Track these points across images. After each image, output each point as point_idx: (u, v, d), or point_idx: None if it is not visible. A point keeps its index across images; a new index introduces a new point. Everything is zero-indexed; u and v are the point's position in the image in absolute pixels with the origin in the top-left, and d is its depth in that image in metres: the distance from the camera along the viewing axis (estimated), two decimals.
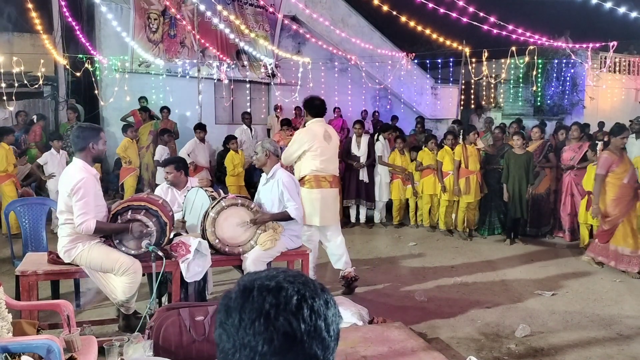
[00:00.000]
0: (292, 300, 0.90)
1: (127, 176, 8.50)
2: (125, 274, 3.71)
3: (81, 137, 3.78)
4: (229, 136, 8.66)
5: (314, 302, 0.92)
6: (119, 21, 10.40)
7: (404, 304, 5.01)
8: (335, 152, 5.07)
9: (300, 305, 0.90)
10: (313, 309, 0.91)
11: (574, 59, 13.35)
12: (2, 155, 7.14)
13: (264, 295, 0.90)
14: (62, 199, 3.71)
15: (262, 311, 0.89)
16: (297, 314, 0.89)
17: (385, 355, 3.38)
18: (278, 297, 0.90)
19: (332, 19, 12.60)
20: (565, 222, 7.58)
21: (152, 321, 3.35)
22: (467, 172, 7.63)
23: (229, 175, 8.27)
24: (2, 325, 2.71)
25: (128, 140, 8.54)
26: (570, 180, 7.45)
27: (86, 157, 3.76)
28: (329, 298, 0.96)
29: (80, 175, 3.63)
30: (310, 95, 5.25)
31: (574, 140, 7.61)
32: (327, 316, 0.93)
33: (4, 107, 9.57)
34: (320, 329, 0.90)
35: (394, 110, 13.88)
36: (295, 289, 0.92)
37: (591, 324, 4.54)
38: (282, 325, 0.88)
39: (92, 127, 3.95)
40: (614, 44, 10.65)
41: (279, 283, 0.93)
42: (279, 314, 0.88)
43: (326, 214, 4.98)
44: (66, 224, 3.71)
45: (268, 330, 0.87)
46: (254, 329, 0.88)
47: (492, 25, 10.05)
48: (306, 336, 0.89)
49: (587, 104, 15.18)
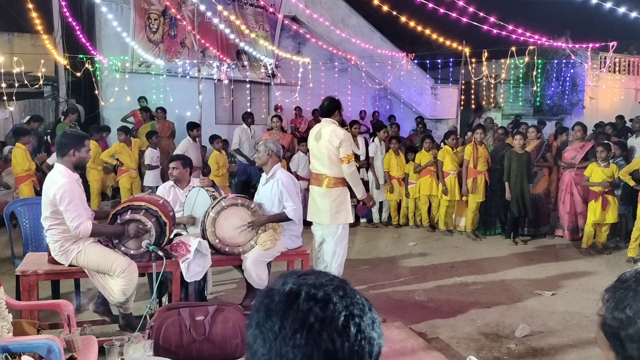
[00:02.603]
0: (339, 317, 0.84)
1: (121, 176, 8.44)
2: (121, 276, 3.71)
3: (63, 143, 3.73)
4: (213, 135, 8.57)
5: (362, 322, 0.86)
6: (119, 21, 10.41)
7: (404, 304, 5.02)
8: (325, 151, 4.77)
9: (347, 323, 0.84)
10: (360, 329, 0.85)
11: (573, 59, 13.37)
12: (21, 156, 7.14)
13: (311, 305, 0.84)
14: (45, 205, 3.66)
15: (306, 323, 0.83)
16: (343, 333, 0.83)
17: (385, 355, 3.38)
18: (325, 311, 0.84)
19: (332, 19, 12.61)
20: (565, 220, 7.59)
21: (153, 321, 3.36)
22: (476, 172, 7.63)
23: (212, 176, 8.02)
24: (3, 325, 2.71)
25: (120, 145, 8.36)
26: (571, 179, 7.46)
27: (67, 163, 3.70)
28: (375, 317, 0.90)
29: (62, 179, 3.59)
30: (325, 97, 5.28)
31: (576, 140, 7.65)
32: (373, 338, 0.87)
33: (4, 107, 9.57)
34: (364, 351, 0.85)
35: (394, 110, 13.89)
36: (344, 304, 0.86)
37: (591, 324, 4.54)
38: (325, 342, 0.82)
39: (77, 134, 3.88)
40: (613, 44, 10.67)
41: (328, 295, 0.86)
42: (323, 329, 0.82)
43: (311, 209, 4.96)
44: (50, 229, 3.69)
45: (309, 345, 0.81)
46: (294, 340, 0.82)
47: (492, 25, 10.07)
48: (348, 357, 0.83)
49: (586, 104, 15.19)
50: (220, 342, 3.37)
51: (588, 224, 6.95)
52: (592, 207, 6.89)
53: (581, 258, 6.74)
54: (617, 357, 1.03)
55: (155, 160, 8.43)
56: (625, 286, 1.04)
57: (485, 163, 7.69)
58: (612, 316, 1.03)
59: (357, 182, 4.89)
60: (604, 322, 1.05)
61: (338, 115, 4.97)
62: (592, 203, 6.87)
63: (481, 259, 6.65)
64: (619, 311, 1.02)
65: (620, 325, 1.01)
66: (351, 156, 4.78)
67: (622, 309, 1.01)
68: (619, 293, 1.04)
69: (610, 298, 1.05)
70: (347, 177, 4.79)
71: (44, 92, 10.62)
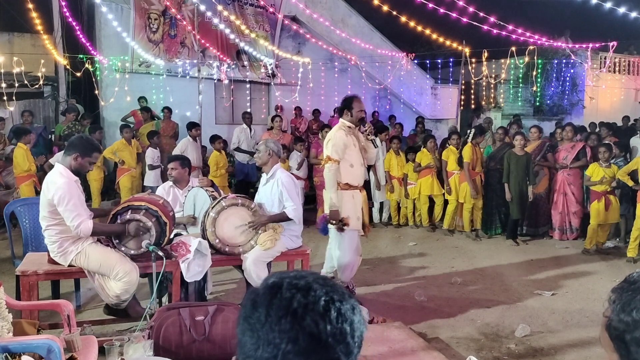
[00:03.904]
0: (320, 301, 0.90)
1: (122, 176, 8.45)
2: (122, 280, 3.72)
3: (74, 144, 3.75)
4: (214, 136, 8.58)
5: (342, 306, 0.91)
6: (119, 21, 10.41)
7: (404, 304, 5.01)
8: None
9: (328, 307, 0.89)
10: (340, 312, 0.90)
11: (573, 59, 13.36)
12: (22, 155, 7.14)
13: (293, 292, 0.90)
14: (43, 205, 3.67)
15: (289, 309, 0.88)
16: (325, 316, 0.89)
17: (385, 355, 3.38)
18: (307, 297, 0.90)
19: (332, 19, 12.61)
20: (556, 220, 7.61)
21: (153, 321, 3.35)
22: (474, 173, 7.66)
23: (212, 176, 7.99)
24: (3, 325, 2.71)
25: (123, 143, 8.43)
26: (564, 180, 7.49)
27: (68, 164, 3.71)
28: (355, 304, 0.95)
29: (60, 180, 3.60)
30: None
31: (567, 140, 7.68)
32: (354, 321, 0.92)
33: (4, 107, 9.57)
34: (346, 333, 0.90)
35: (394, 110, 13.88)
36: (324, 290, 0.92)
37: (591, 323, 4.54)
38: (309, 325, 0.87)
39: (90, 143, 3.85)
40: (613, 44, 10.67)
41: (309, 283, 0.92)
42: (306, 313, 0.88)
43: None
44: (48, 229, 3.69)
45: (294, 329, 0.87)
46: (279, 326, 0.87)
47: (492, 25, 10.06)
48: (331, 338, 0.88)
49: (586, 104, 15.19)
50: (220, 342, 3.36)
51: (592, 225, 6.92)
52: (595, 208, 6.87)
53: (581, 258, 6.74)
54: (621, 359, 1.02)
55: (156, 160, 8.43)
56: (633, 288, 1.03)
57: (481, 165, 7.73)
58: (618, 318, 1.02)
59: (330, 187, 4.59)
60: (610, 323, 1.04)
61: (348, 114, 4.71)
62: (595, 204, 6.86)
63: (481, 259, 6.65)
64: (625, 314, 1.00)
65: (626, 328, 1.00)
66: (330, 158, 4.56)
67: (628, 312, 1.00)
68: (626, 295, 1.03)
69: (617, 299, 1.04)
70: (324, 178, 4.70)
71: (44, 92, 10.61)
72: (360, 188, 4.80)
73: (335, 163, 4.59)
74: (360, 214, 4.75)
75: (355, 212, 4.69)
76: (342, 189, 4.65)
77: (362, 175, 4.85)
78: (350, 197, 4.68)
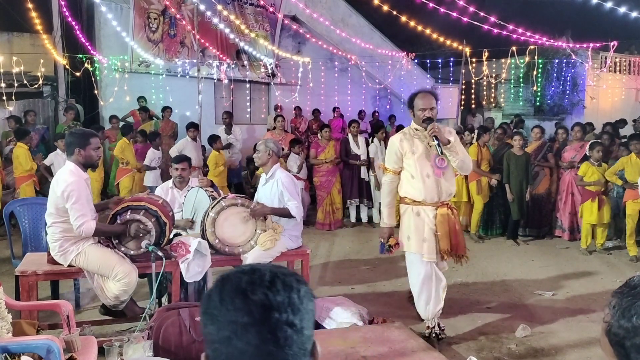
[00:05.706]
0: (265, 277, 0.99)
1: (123, 177, 8.44)
2: (121, 281, 3.72)
3: (69, 143, 3.77)
4: (213, 136, 8.55)
5: (286, 278, 1.00)
6: (119, 21, 10.40)
7: (404, 304, 5.00)
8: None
9: (273, 280, 0.99)
10: (285, 283, 0.99)
11: (574, 59, 13.35)
12: (23, 156, 7.14)
13: (240, 276, 1.00)
14: (50, 202, 3.68)
15: (239, 289, 0.97)
16: (271, 287, 0.97)
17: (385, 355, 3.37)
18: (253, 276, 0.99)
19: (332, 18, 12.60)
20: (565, 221, 7.58)
21: (152, 321, 3.35)
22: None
23: (211, 176, 7.99)
24: (2, 325, 2.70)
25: (125, 142, 8.46)
26: (571, 180, 7.45)
27: (76, 161, 3.72)
28: (301, 279, 1.03)
29: (71, 178, 3.61)
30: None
31: (575, 140, 7.65)
32: (300, 289, 1.00)
33: (4, 107, 9.56)
34: (294, 301, 0.98)
35: (394, 110, 13.87)
36: (268, 268, 1.02)
37: (591, 324, 4.53)
38: (260, 298, 0.96)
39: (82, 133, 3.86)
40: (614, 44, 10.64)
41: (253, 267, 1.03)
42: (255, 288, 0.97)
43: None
44: (52, 226, 3.69)
45: (247, 303, 0.95)
46: (234, 305, 0.96)
47: (492, 25, 10.05)
48: (282, 306, 0.96)
49: (587, 103, 15.18)
50: None
51: (585, 224, 6.96)
52: (588, 207, 6.89)
53: (581, 258, 6.74)
54: None
55: (156, 161, 8.42)
56: (633, 293, 1.01)
57: (487, 164, 7.69)
58: (618, 324, 1.00)
59: (382, 199, 4.26)
60: (609, 329, 1.02)
61: (412, 114, 4.02)
62: (589, 203, 6.87)
63: (482, 259, 6.64)
64: (625, 320, 0.99)
65: (626, 334, 0.98)
66: (386, 168, 4.09)
67: (628, 318, 0.99)
68: (626, 300, 1.01)
69: (617, 305, 1.02)
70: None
71: (43, 92, 10.59)
72: (439, 205, 3.96)
73: (390, 173, 4.06)
74: (431, 236, 3.94)
75: (417, 231, 3.96)
76: (404, 203, 4.08)
77: (431, 188, 3.93)
78: (413, 213, 4.00)
